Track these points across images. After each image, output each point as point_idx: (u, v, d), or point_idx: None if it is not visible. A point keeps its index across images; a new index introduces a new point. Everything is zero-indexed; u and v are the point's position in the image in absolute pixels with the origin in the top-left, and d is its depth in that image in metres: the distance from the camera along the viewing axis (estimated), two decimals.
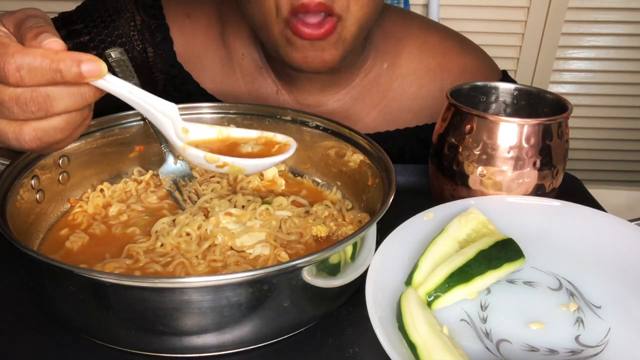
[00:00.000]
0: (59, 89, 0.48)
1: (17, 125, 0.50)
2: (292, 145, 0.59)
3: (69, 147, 0.72)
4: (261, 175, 0.81)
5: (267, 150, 0.59)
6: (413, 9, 1.86)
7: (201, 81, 0.98)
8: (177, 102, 0.88)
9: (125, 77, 0.77)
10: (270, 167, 0.55)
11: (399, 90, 0.99)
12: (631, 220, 0.66)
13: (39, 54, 0.47)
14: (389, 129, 0.99)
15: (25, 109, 0.48)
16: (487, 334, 0.55)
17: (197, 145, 0.57)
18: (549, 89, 1.49)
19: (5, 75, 0.47)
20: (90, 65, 0.48)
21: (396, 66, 0.99)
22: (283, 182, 0.81)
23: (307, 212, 0.73)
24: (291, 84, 0.97)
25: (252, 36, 0.96)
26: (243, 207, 0.72)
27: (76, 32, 0.94)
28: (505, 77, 1.04)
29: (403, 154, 0.99)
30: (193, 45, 0.97)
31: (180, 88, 0.97)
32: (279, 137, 0.60)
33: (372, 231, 0.58)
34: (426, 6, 1.86)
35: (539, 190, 0.71)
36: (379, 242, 0.59)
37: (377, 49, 0.98)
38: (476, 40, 1.07)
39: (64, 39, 0.52)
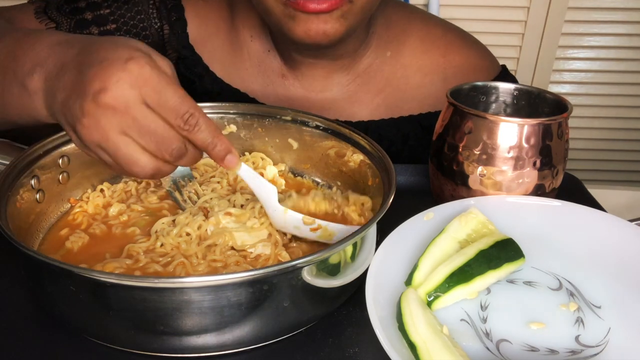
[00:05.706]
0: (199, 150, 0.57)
1: (155, 162, 0.55)
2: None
3: (68, 147, 0.72)
4: (261, 175, 0.81)
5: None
6: None
7: (211, 64, 1.01)
8: (187, 81, 0.96)
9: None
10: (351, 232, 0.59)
11: (402, 79, 1.01)
12: (631, 220, 0.66)
13: (211, 125, 0.56)
14: (393, 116, 1.00)
15: (177, 154, 0.55)
16: (487, 334, 0.55)
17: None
18: (549, 89, 1.49)
19: (195, 123, 0.54)
20: (232, 159, 0.58)
21: (400, 55, 1.01)
22: (283, 182, 0.81)
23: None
24: (296, 69, 0.99)
25: (261, 19, 0.98)
26: (242, 206, 0.72)
27: (102, 15, 0.95)
28: (504, 71, 1.05)
29: (407, 141, 1.00)
30: (206, 27, 1.00)
31: (191, 69, 1.00)
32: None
33: (372, 231, 0.58)
34: (426, 6, 1.86)
35: (539, 190, 0.71)
36: (379, 242, 0.59)
37: (380, 37, 1.00)
38: None
39: (89, 22, 0.61)
